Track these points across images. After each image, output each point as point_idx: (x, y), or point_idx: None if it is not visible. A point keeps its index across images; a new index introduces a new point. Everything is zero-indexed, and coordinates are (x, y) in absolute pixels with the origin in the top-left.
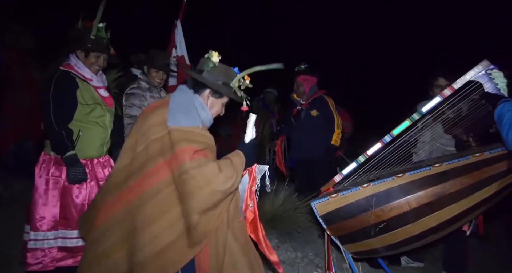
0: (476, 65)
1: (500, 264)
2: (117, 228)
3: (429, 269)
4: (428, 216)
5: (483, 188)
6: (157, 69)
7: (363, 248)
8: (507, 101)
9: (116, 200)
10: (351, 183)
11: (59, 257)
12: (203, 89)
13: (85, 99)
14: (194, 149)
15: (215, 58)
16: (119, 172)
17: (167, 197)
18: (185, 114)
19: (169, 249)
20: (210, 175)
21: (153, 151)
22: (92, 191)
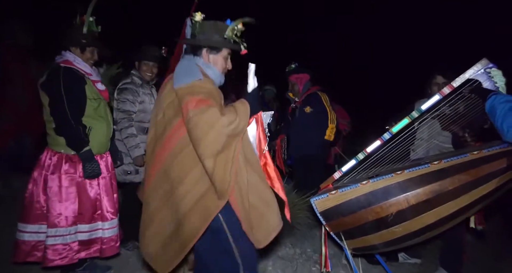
0: (475, 64)
1: (496, 260)
2: (158, 190)
3: (426, 265)
4: (426, 213)
5: (481, 186)
6: (146, 60)
7: (362, 244)
8: (497, 94)
9: (153, 166)
10: (350, 180)
11: (77, 249)
12: (200, 49)
13: (92, 94)
14: (196, 99)
15: (198, 17)
16: (150, 143)
17: (189, 155)
18: (186, 73)
19: (203, 199)
20: (211, 120)
21: (169, 115)
22: (102, 186)
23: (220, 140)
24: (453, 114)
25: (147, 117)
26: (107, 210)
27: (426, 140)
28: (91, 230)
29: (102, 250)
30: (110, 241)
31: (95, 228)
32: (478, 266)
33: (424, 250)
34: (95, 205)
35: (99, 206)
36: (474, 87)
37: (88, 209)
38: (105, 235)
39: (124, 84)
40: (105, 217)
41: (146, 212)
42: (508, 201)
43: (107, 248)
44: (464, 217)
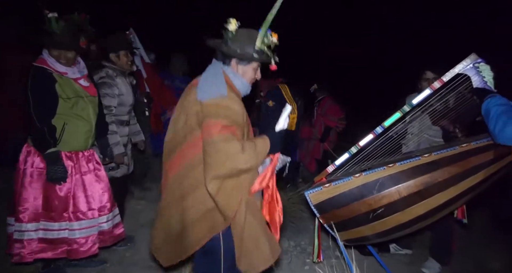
0: (464, 59)
1: (483, 250)
2: (171, 190)
3: (416, 256)
4: (417, 204)
5: (470, 177)
6: (125, 50)
7: (355, 236)
8: (493, 96)
9: (169, 166)
10: (343, 173)
11: (37, 249)
12: (230, 59)
13: (66, 93)
14: (221, 124)
15: (232, 26)
16: (168, 143)
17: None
18: (211, 84)
19: (212, 213)
20: (232, 152)
21: (192, 124)
22: (77, 184)
23: (232, 172)
24: (443, 109)
25: (124, 110)
26: (77, 210)
27: (417, 134)
28: (60, 229)
29: (69, 252)
30: (81, 242)
31: (64, 228)
32: (466, 256)
33: (414, 242)
34: (65, 203)
35: (70, 205)
36: (473, 88)
37: (57, 207)
38: (72, 236)
39: (100, 79)
40: (75, 217)
41: (159, 204)
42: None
43: (73, 250)
44: (452, 208)
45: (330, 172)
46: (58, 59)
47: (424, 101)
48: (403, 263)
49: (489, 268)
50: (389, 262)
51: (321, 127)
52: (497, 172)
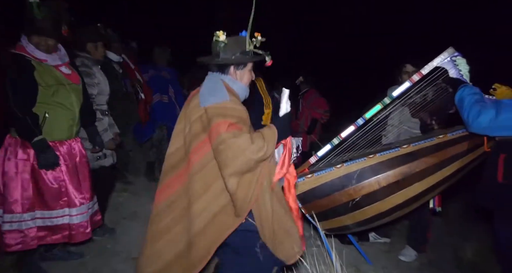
0: (442, 52)
1: (457, 239)
2: (176, 204)
3: (394, 244)
4: (395, 193)
5: (446, 167)
6: (98, 41)
7: (336, 225)
8: (466, 86)
9: (174, 179)
10: (325, 164)
11: (41, 235)
12: (227, 68)
13: (45, 81)
14: (228, 122)
15: (222, 38)
16: (174, 154)
17: (211, 171)
18: (213, 93)
19: (217, 219)
20: (244, 145)
21: (196, 130)
22: (66, 172)
23: (248, 165)
24: (422, 101)
25: (103, 99)
26: (75, 196)
27: (396, 126)
28: (57, 216)
29: (70, 236)
30: (79, 227)
31: (62, 214)
32: (441, 244)
33: (393, 230)
34: (59, 191)
35: (64, 193)
36: (447, 77)
37: (49, 195)
38: (73, 221)
39: (77, 68)
40: (73, 203)
41: (152, 228)
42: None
43: (76, 234)
44: (429, 197)
45: (312, 163)
46: (37, 46)
47: (404, 94)
48: (382, 251)
49: (461, 255)
50: (368, 251)
51: (307, 120)
52: (471, 162)
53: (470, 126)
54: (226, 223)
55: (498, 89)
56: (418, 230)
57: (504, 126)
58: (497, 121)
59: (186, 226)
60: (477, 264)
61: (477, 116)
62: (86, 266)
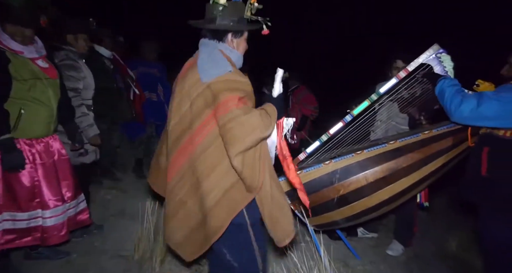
0: (427, 49)
1: (442, 232)
2: (185, 180)
3: (382, 239)
4: (383, 189)
5: (431, 162)
6: (82, 33)
7: (324, 221)
8: (446, 77)
9: (177, 155)
10: (314, 161)
11: (9, 238)
12: (225, 35)
13: (21, 74)
14: (237, 97)
15: (222, 0)
16: (173, 131)
17: (217, 149)
18: (213, 64)
19: (229, 195)
20: (256, 123)
21: (198, 107)
22: (42, 171)
23: (255, 142)
24: (410, 97)
25: (89, 94)
26: (49, 198)
27: (384, 122)
28: (30, 218)
29: (43, 239)
30: (53, 229)
31: (34, 216)
32: (427, 238)
33: (380, 225)
34: (32, 192)
35: (38, 194)
36: (426, 72)
37: (22, 196)
38: (46, 224)
39: (62, 61)
40: (46, 205)
41: (170, 203)
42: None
43: (49, 236)
44: (415, 192)
45: (301, 159)
46: (13, 36)
47: (390, 90)
48: (370, 246)
49: (446, 248)
50: (356, 246)
51: (297, 116)
52: (456, 157)
53: (452, 115)
54: (238, 198)
55: (481, 85)
56: (405, 224)
57: (485, 116)
58: (478, 111)
59: (198, 201)
60: (460, 256)
61: (459, 105)
62: (73, 264)
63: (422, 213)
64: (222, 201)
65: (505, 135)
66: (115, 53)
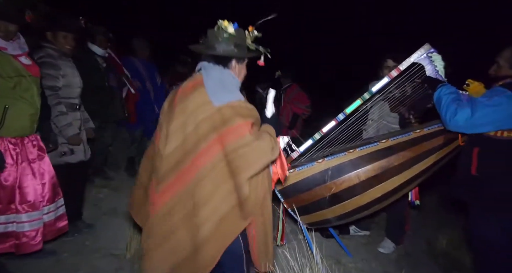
0: (419, 48)
1: (432, 230)
2: (179, 208)
3: (374, 237)
4: (374, 187)
5: (423, 161)
6: (65, 32)
7: (317, 219)
8: (444, 85)
9: (174, 182)
10: (307, 159)
11: None
12: (230, 61)
13: (6, 72)
14: (249, 123)
15: (230, 29)
16: (173, 154)
17: (220, 173)
18: (225, 90)
19: (224, 224)
20: (268, 147)
21: (204, 130)
22: (24, 173)
23: (266, 166)
24: (400, 96)
25: (73, 92)
26: (25, 201)
27: (376, 121)
28: (7, 222)
29: (17, 246)
30: (26, 236)
31: (12, 220)
32: (418, 236)
33: (372, 223)
34: (13, 193)
35: (16, 195)
36: (426, 77)
37: (2, 198)
38: (19, 229)
39: (40, 58)
40: (19, 210)
41: (156, 235)
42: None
43: (22, 244)
44: (406, 190)
45: (294, 158)
46: None
47: (382, 89)
48: (361, 244)
49: (436, 246)
50: (348, 243)
51: (288, 115)
52: (446, 156)
53: (448, 124)
54: (232, 227)
55: (471, 85)
56: (396, 223)
57: (479, 124)
58: (472, 120)
59: (191, 231)
60: (450, 253)
61: (454, 115)
62: (64, 264)
63: (413, 212)
64: (218, 231)
65: (496, 135)
66: (110, 51)
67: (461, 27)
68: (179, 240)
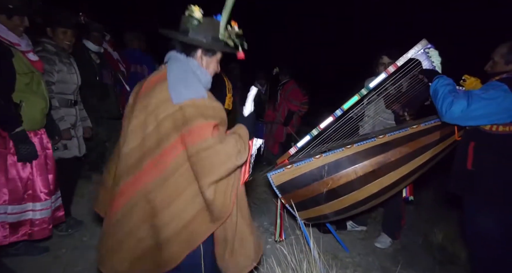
0: (416, 44)
1: (428, 225)
2: (137, 208)
3: (370, 232)
4: (371, 183)
5: (419, 156)
6: (63, 28)
7: (314, 214)
8: (440, 77)
9: (132, 182)
10: (305, 155)
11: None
12: (195, 50)
13: (21, 68)
14: (212, 124)
15: (197, 14)
16: (130, 155)
17: (183, 176)
18: (186, 85)
19: (191, 225)
20: (231, 151)
21: (166, 129)
22: (36, 165)
23: (231, 171)
24: (396, 93)
25: (69, 88)
26: (40, 190)
27: (372, 117)
28: (21, 211)
29: (31, 233)
30: (42, 223)
31: (26, 209)
32: (414, 230)
33: (369, 219)
34: (26, 184)
35: (30, 186)
36: (423, 69)
37: (19, 189)
38: (36, 217)
39: (36, 53)
40: (37, 197)
41: (116, 235)
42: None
43: (38, 230)
44: (403, 186)
45: (292, 154)
46: (17, 26)
47: (380, 85)
48: (358, 239)
49: (432, 240)
50: (346, 239)
51: (284, 111)
52: (443, 151)
53: (444, 116)
54: (199, 230)
55: (467, 80)
56: (393, 217)
57: (475, 116)
58: (468, 111)
59: (151, 230)
60: (446, 248)
61: (450, 106)
62: (62, 260)
63: (409, 207)
64: (182, 233)
65: (491, 130)
66: (107, 46)
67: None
68: (140, 237)
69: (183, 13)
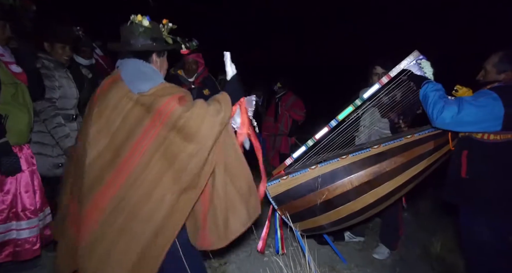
0: (408, 55)
1: (427, 235)
2: (114, 219)
3: (368, 243)
4: (367, 193)
5: (414, 166)
6: (62, 43)
7: (311, 225)
8: (429, 82)
9: (103, 192)
10: (300, 166)
11: None
12: (150, 55)
13: (7, 79)
14: (177, 96)
15: (145, 22)
16: (97, 162)
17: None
18: (144, 79)
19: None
20: (202, 111)
21: (135, 116)
22: (22, 181)
23: (215, 130)
24: (391, 102)
25: (70, 103)
26: (26, 208)
27: (368, 127)
28: (5, 231)
29: (15, 253)
30: (25, 242)
31: (9, 229)
32: (412, 240)
33: (366, 229)
34: (12, 201)
35: (14, 204)
36: (411, 74)
37: (3, 206)
38: (21, 236)
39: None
40: (20, 216)
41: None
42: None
43: (22, 250)
44: (398, 196)
45: (288, 164)
46: None
47: (373, 95)
48: (356, 250)
49: (430, 250)
50: (343, 250)
51: (287, 122)
52: (438, 160)
53: (435, 121)
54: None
55: (459, 91)
56: (390, 228)
57: (465, 122)
58: (458, 117)
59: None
60: (444, 258)
61: (441, 111)
62: None
63: (407, 216)
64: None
65: (483, 138)
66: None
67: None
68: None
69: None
